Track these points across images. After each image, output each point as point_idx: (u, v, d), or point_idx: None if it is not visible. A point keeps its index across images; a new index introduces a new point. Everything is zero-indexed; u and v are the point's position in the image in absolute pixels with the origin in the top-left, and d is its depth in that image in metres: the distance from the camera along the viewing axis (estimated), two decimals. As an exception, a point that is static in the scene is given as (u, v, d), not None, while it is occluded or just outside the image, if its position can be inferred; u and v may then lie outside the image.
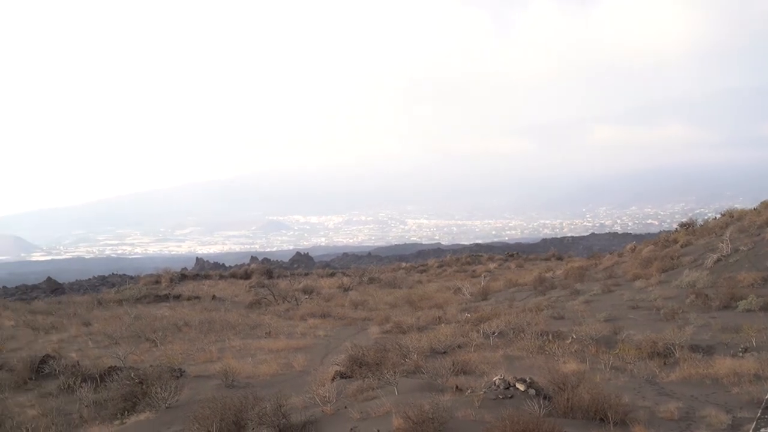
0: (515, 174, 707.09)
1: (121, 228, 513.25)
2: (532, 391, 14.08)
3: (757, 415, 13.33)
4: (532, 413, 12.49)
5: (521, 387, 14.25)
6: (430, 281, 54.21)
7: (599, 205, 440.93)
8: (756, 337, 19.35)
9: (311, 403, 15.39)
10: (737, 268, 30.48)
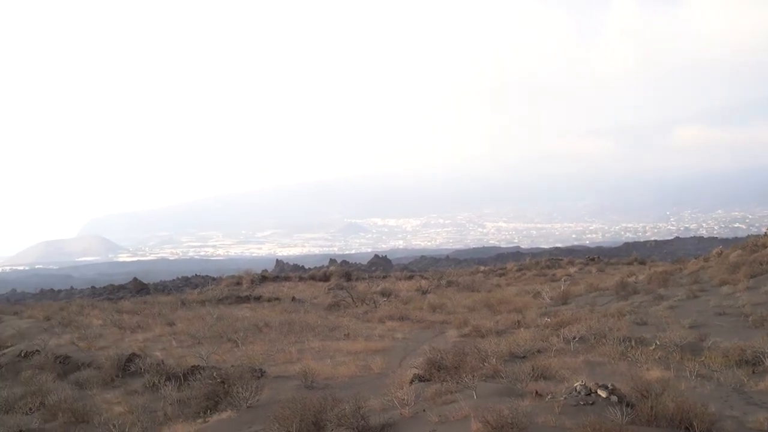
0: (596, 176, 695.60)
1: (203, 230, 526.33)
2: (614, 398, 13.74)
3: None
4: (615, 420, 12.21)
5: (603, 393, 13.94)
6: (509, 285, 53.66)
7: (684, 208, 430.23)
8: None
9: (389, 406, 15.40)
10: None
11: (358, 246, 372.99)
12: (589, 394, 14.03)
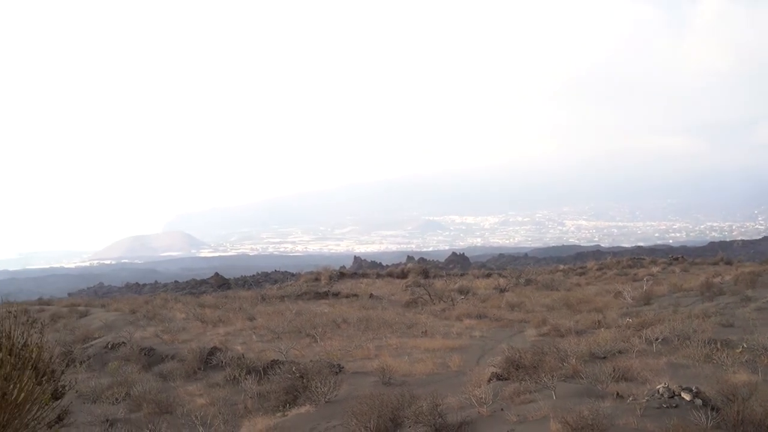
0: (680, 174, 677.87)
1: (283, 227, 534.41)
2: (699, 402, 13.39)
3: None
4: (699, 425, 11.92)
5: (687, 396, 13.60)
6: (588, 284, 52.76)
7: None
8: None
9: (467, 404, 15.34)
10: None
11: (436, 243, 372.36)
12: (672, 397, 13.71)
